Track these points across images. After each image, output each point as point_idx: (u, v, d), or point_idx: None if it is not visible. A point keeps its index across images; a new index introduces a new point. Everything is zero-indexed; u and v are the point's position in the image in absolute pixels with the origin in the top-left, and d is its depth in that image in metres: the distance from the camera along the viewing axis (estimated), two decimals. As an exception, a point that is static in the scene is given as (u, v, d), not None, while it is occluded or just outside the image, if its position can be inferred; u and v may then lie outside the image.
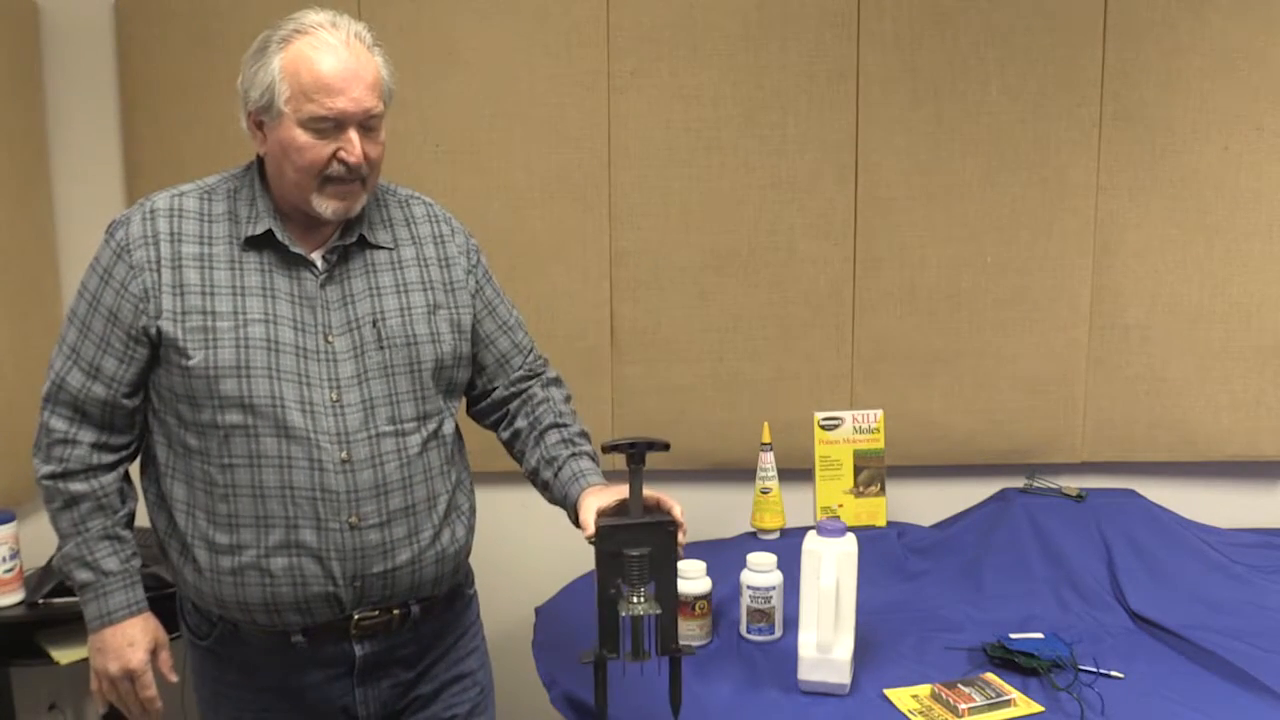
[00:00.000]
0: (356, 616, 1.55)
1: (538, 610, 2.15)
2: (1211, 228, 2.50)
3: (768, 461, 2.38)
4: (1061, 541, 2.34)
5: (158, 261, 1.48)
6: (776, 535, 2.38)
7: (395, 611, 1.58)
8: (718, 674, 1.89)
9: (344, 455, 1.50)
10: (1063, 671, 1.88)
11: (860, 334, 2.54)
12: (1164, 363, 2.54)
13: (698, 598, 1.98)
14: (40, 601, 2.20)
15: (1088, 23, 2.44)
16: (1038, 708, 1.76)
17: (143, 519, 1.60)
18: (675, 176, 2.47)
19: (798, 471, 2.46)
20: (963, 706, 1.73)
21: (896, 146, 2.48)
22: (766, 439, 2.38)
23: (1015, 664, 1.90)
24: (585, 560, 1.75)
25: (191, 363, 1.47)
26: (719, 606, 2.07)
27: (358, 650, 1.58)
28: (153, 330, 1.48)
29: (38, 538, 2.05)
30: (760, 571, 2.00)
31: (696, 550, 2.15)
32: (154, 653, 1.59)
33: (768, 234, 2.49)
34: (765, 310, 2.52)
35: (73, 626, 2.15)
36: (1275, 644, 2.00)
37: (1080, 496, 2.45)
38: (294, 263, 1.53)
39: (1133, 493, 2.49)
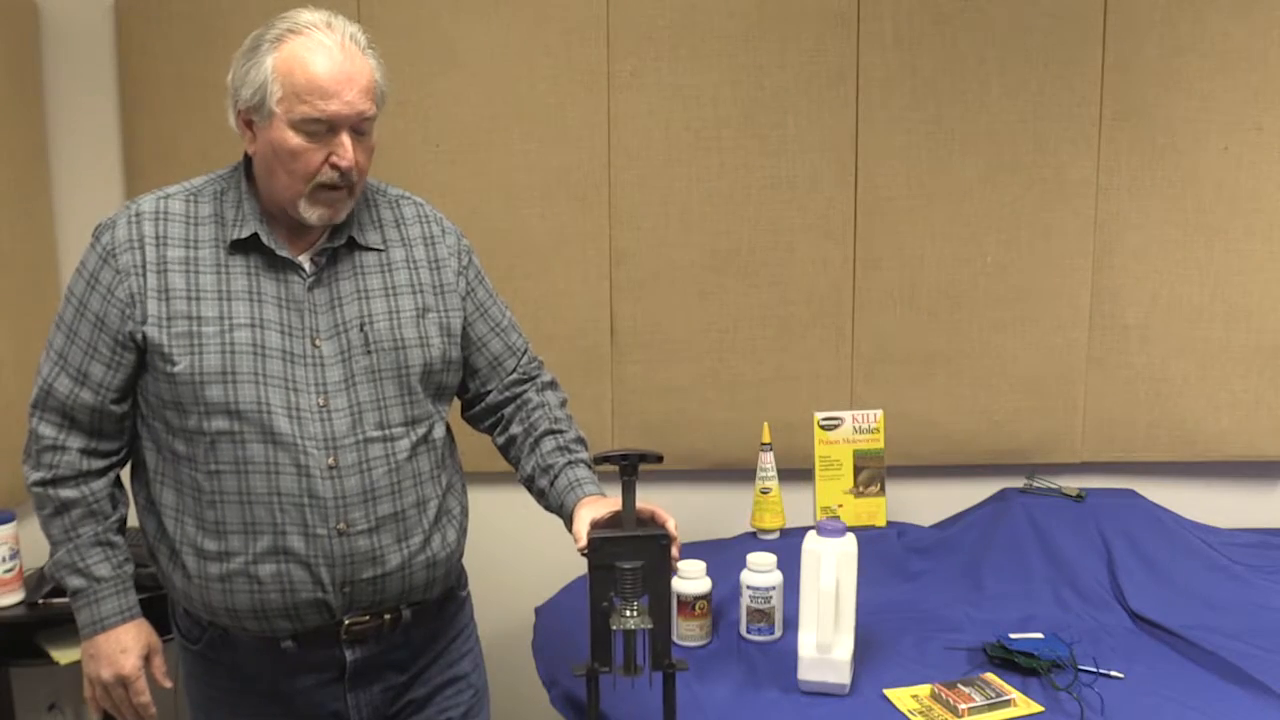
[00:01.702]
0: (346, 621, 1.53)
1: (537, 610, 2.15)
2: (1211, 228, 2.50)
3: (767, 461, 2.38)
4: (1061, 541, 2.34)
5: (143, 266, 1.46)
6: (776, 535, 2.38)
7: (386, 616, 1.56)
8: (717, 674, 1.88)
9: (331, 461, 1.48)
10: (1063, 671, 1.88)
11: (860, 334, 2.53)
12: (1164, 363, 2.54)
13: (698, 598, 1.98)
14: (40, 602, 2.20)
15: (1088, 23, 2.44)
16: (1038, 708, 1.76)
17: (133, 521, 1.59)
18: (675, 176, 2.47)
19: (798, 471, 2.45)
20: (963, 706, 1.73)
21: (896, 146, 2.47)
22: (766, 439, 2.38)
23: (1015, 664, 1.90)
24: (584, 560, 1.75)
25: (177, 369, 1.45)
26: (719, 606, 2.07)
27: (348, 655, 1.56)
28: (138, 336, 1.46)
29: (38, 538, 2.04)
30: (760, 571, 2.00)
31: (696, 550, 2.15)
32: (148, 658, 1.58)
33: (768, 234, 2.49)
34: (765, 310, 2.52)
35: (73, 626, 2.12)
36: (1275, 644, 2.00)
37: (1080, 496, 2.45)
38: (281, 265, 1.51)
39: (1133, 493, 2.49)
